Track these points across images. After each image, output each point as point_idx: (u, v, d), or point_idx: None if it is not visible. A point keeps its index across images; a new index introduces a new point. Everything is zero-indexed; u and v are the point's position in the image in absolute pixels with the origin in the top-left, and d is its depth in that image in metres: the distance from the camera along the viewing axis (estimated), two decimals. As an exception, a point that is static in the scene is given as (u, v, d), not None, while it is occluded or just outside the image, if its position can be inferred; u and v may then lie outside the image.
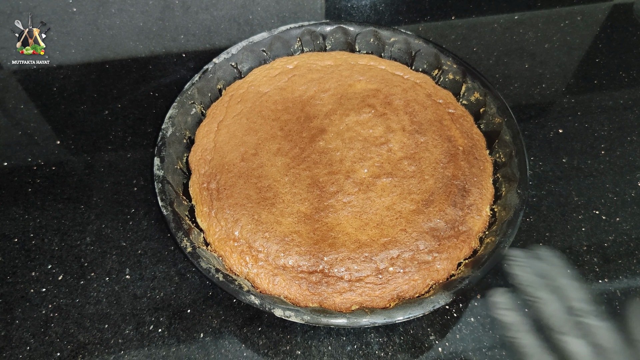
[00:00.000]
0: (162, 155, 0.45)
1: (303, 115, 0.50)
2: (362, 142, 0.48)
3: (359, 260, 0.41)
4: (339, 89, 0.52)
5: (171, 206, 0.42)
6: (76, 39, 0.64)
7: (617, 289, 0.45)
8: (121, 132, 0.55)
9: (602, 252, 0.47)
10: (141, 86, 0.60)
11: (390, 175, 0.46)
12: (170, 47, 0.64)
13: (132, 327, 0.43)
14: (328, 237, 0.42)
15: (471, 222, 0.44)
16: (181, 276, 0.45)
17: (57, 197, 0.50)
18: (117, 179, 0.52)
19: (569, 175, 0.53)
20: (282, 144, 0.48)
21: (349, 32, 0.57)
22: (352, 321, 0.37)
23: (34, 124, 0.56)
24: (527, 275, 0.44)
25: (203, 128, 0.50)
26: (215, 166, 0.46)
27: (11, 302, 0.44)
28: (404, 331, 0.43)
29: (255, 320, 0.43)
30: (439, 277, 0.41)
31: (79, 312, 0.43)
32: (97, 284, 0.45)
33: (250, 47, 0.54)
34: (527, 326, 0.42)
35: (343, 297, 0.40)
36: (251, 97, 0.52)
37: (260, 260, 0.41)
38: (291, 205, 0.44)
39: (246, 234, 0.42)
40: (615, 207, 0.51)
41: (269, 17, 0.68)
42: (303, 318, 0.37)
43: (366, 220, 0.43)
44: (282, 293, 0.40)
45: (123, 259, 0.46)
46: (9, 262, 0.46)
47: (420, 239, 0.42)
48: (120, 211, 0.49)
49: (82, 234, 0.48)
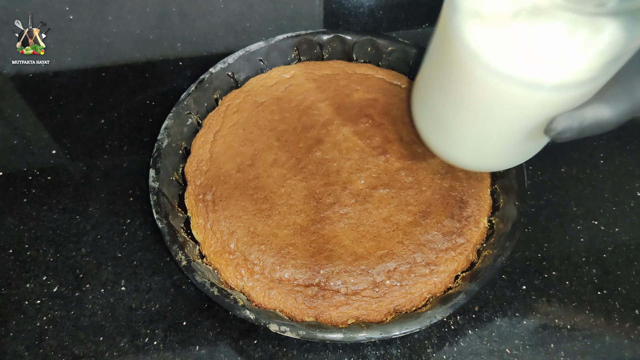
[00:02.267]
0: (157, 167, 0.45)
1: (300, 125, 0.50)
2: (359, 153, 0.48)
3: (356, 273, 0.41)
4: (336, 99, 0.52)
5: (166, 219, 0.42)
6: (73, 46, 0.64)
7: (616, 301, 0.45)
8: (117, 141, 0.55)
9: (601, 263, 0.47)
10: (138, 94, 0.59)
11: (388, 187, 0.45)
12: (167, 54, 0.64)
13: (128, 339, 0.42)
14: (324, 249, 0.42)
15: (469, 234, 0.44)
16: (177, 288, 0.45)
17: (52, 207, 0.50)
18: (113, 188, 0.51)
19: (567, 184, 0.53)
20: (278, 155, 0.48)
21: (346, 41, 0.56)
22: (348, 336, 0.36)
23: (29, 133, 0.56)
24: None
25: (199, 138, 0.50)
26: (211, 177, 0.46)
27: (5, 315, 0.43)
28: (401, 344, 0.42)
29: (251, 333, 0.43)
30: (436, 291, 0.41)
31: (73, 325, 0.43)
32: (93, 296, 0.45)
33: (247, 56, 0.54)
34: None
35: (339, 310, 0.40)
36: (248, 107, 0.51)
37: (255, 274, 0.41)
38: (287, 217, 0.44)
39: (242, 247, 0.42)
40: (614, 217, 0.50)
41: (267, 25, 0.68)
42: (299, 333, 0.36)
43: (363, 233, 0.43)
44: (278, 307, 0.40)
45: (118, 270, 0.46)
46: (3, 274, 0.46)
47: (417, 251, 0.42)
48: (116, 222, 0.49)
49: (78, 244, 0.48)
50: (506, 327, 0.43)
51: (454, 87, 0.35)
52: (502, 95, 0.31)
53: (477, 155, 0.39)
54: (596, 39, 0.28)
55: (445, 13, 0.34)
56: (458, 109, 0.36)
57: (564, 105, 0.32)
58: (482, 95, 0.33)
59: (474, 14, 0.30)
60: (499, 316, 0.44)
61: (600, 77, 0.30)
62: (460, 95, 0.34)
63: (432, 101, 0.39)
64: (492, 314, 0.44)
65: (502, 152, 0.38)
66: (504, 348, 0.42)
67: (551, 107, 0.32)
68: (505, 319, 0.44)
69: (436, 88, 0.37)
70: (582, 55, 0.28)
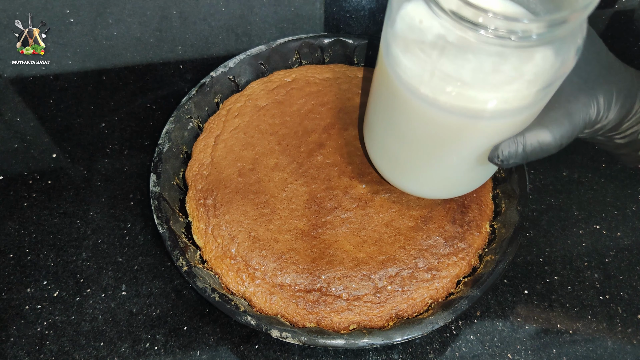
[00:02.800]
0: (158, 172, 0.45)
1: (301, 129, 0.50)
2: (360, 157, 0.47)
3: (357, 278, 0.41)
4: (337, 103, 0.52)
5: (167, 224, 0.42)
6: (73, 49, 0.64)
7: (618, 306, 0.45)
8: (118, 145, 0.55)
9: (603, 268, 0.47)
10: (138, 98, 0.59)
11: (389, 191, 0.45)
12: (168, 58, 0.64)
13: (128, 344, 0.42)
14: (326, 254, 0.42)
15: (470, 239, 0.43)
16: (178, 293, 0.45)
17: (53, 211, 0.50)
18: (113, 193, 0.51)
19: (569, 188, 0.53)
20: (279, 159, 0.47)
21: (347, 44, 0.56)
22: (350, 342, 0.36)
23: (30, 136, 0.56)
24: None
25: (200, 143, 0.49)
26: (212, 182, 0.46)
27: (6, 319, 0.43)
28: (403, 349, 0.42)
29: (252, 338, 0.42)
30: (438, 296, 0.41)
31: (74, 330, 0.43)
32: (93, 301, 0.44)
33: (248, 60, 0.54)
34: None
35: (341, 316, 0.39)
36: (249, 110, 0.51)
37: (257, 279, 0.41)
38: (288, 222, 0.44)
39: (243, 252, 0.42)
40: (616, 222, 0.50)
41: (267, 28, 0.67)
42: (300, 339, 0.36)
43: (364, 237, 0.43)
44: (279, 312, 0.40)
45: (119, 274, 0.46)
46: (4, 278, 0.45)
47: (419, 256, 0.42)
48: (117, 226, 0.49)
49: (78, 249, 0.47)
50: (508, 332, 0.43)
51: (398, 120, 0.35)
52: (443, 125, 0.32)
53: (432, 184, 0.39)
54: (525, 68, 0.28)
55: (381, 49, 0.34)
56: (404, 142, 0.36)
57: (505, 132, 0.32)
58: (425, 127, 0.33)
59: (405, 49, 0.31)
60: (501, 321, 0.44)
61: (535, 104, 0.30)
62: (404, 127, 0.35)
63: (381, 136, 0.39)
64: (494, 319, 0.44)
65: (454, 179, 0.39)
66: (506, 353, 0.42)
67: (493, 135, 0.32)
68: (507, 324, 0.44)
69: (382, 122, 0.38)
70: (514, 84, 0.28)
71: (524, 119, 0.32)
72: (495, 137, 0.33)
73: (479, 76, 0.28)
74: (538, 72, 0.28)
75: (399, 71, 0.31)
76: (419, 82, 0.30)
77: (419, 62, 0.30)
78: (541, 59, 0.28)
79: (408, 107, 0.33)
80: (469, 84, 0.28)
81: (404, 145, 0.37)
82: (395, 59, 0.32)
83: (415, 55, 0.30)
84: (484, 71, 0.28)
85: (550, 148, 0.33)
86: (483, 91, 0.29)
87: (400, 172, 0.40)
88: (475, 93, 0.29)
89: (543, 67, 0.28)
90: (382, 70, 0.34)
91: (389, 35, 0.32)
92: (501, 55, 0.28)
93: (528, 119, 0.32)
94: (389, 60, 0.32)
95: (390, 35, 0.32)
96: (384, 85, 0.35)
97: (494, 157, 0.33)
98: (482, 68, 0.28)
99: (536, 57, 0.28)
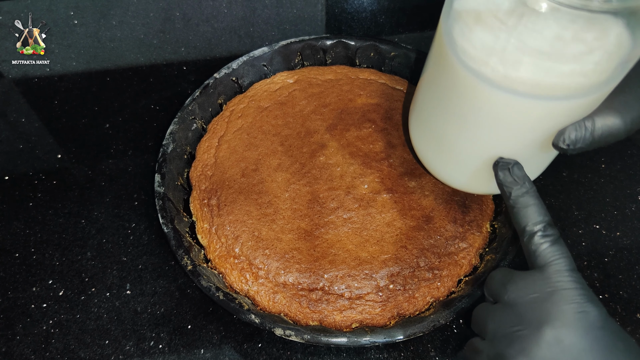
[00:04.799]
0: (162, 172, 0.46)
1: (304, 130, 0.50)
2: (362, 158, 0.48)
3: (360, 277, 0.41)
4: (339, 104, 0.52)
5: (172, 223, 0.43)
6: (77, 51, 0.65)
7: (617, 305, 0.45)
8: (122, 145, 0.55)
9: (603, 267, 0.47)
10: (142, 99, 0.60)
11: (391, 191, 0.46)
12: (171, 59, 0.64)
13: (133, 342, 0.43)
14: (328, 254, 0.42)
15: (471, 239, 0.44)
16: (182, 291, 0.45)
17: (58, 211, 0.50)
18: (118, 193, 0.52)
19: (569, 189, 0.53)
20: (282, 160, 0.48)
21: (349, 46, 0.57)
22: (352, 340, 0.37)
23: (35, 137, 0.56)
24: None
25: (204, 143, 0.50)
26: (216, 182, 0.47)
27: (12, 318, 0.44)
28: (405, 347, 0.43)
29: (255, 337, 0.43)
30: (439, 295, 0.41)
31: (79, 328, 0.43)
32: (98, 300, 0.45)
33: (250, 61, 0.55)
34: None
35: (343, 315, 0.40)
36: (252, 112, 0.52)
37: (260, 278, 0.41)
38: (291, 222, 0.44)
39: (246, 251, 0.42)
40: (615, 222, 0.51)
41: (270, 29, 0.68)
42: (303, 337, 0.37)
43: (366, 237, 0.43)
44: (283, 311, 0.40)
45: (124, 274, 0.47)
46: (10, 277, 0.46)
47: (420, 255, 0.42)
48: (121, 226, 0.49)
49: (83, 248, 0.48)
50: (508, 331, 0.44)
51: (457, 105, 0.34)
52: (507, 108, 0.31)
53: (484, 176, 0.37)
54: (603, 41, 0.27)
55: (440, 30, 0.33)
56: (462, 128, 0.35)
57: (571, 116, 0.31)
58: (486, 111, 0.32)
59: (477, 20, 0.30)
60: (502, 320, 0.44)
61: (610, 82, 0.29)
62: (463, 112, 0.33)
63: (433, 122, 0.38)
64: (495, 318, 0.44)
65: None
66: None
67: (562, 117, 0.31)
68: (507, 323, 0.44)
69: (437, 109, 0.36)
70: (594, 55, 0.27)
71: (592, 101, 0.30)
72: (564, 119, 0.31)
73: (559, 45, 0.27)
74: (616, 45, 0.27)
75: (466, 45, 0.30)
76: (489, 54, 0.29)
77: (492, 32, 0.29)
78: (619, 33, 0.27)
79: (471, 92, 0.31)
80: (547, 53, 0.27)
81: (462, 132, 0.35)
82: (462, 33, 0.30)
83: (489, 26, 0.29)
84: (564, 39, 0.27)
85: (620, 133, 0.31)
86: (562, 62, 0.27)
87: (454, 163, 0.38)
88: (553, 64, 0.28)
89: (620, 41, 0.27)
90: (440, 55, 0.33)
91: (454, 9, 0.31)
92: (583, 22, 0.27)
93: (596, 101, 0.31)
94: (450, 40, 0.31)
95: (457, 9, 0.31)
96: (440, 72, 0.34)
97: (559, 141, 0.31)
98: (563, 36, 0.27)
99: (614, 30, 0.27)
